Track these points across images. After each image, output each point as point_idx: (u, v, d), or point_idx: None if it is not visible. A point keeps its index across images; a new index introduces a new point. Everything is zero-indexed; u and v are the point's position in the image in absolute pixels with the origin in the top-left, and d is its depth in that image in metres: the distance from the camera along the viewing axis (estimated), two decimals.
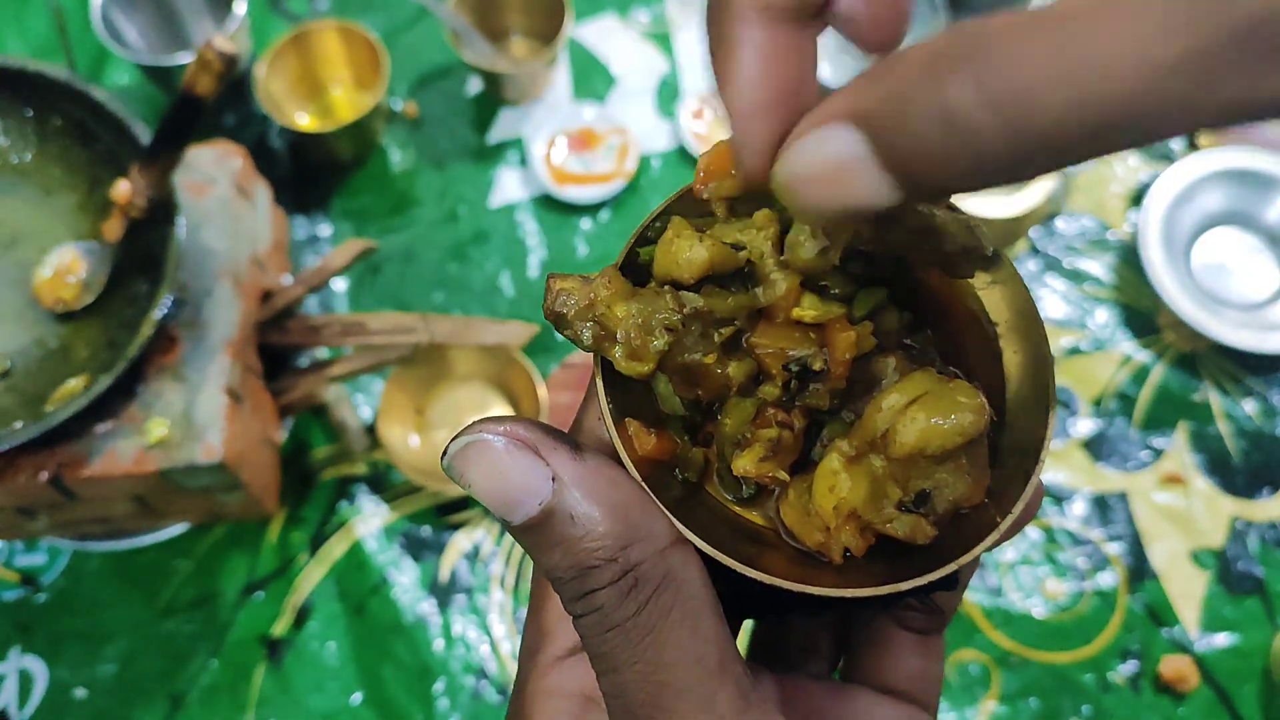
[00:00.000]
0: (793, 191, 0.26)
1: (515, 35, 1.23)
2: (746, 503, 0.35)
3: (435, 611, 0.99)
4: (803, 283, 0.32)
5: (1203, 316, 1.04)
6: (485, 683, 0.96)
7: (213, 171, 0.97)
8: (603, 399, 0.32)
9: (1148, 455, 1.04)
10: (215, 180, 0.97)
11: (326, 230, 1.16)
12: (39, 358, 0.88)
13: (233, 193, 0.97)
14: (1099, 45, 0.20)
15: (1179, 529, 1.01)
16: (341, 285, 1.13)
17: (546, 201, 1.17)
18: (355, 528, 1.02)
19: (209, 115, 0.86)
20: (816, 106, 0.25)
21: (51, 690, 0.97)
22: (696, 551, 0.31)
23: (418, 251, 1.15)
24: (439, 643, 0.98)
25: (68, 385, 0.85)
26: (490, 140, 1.21)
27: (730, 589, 0.32)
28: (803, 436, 0.34)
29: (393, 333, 0.98)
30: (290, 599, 0.99)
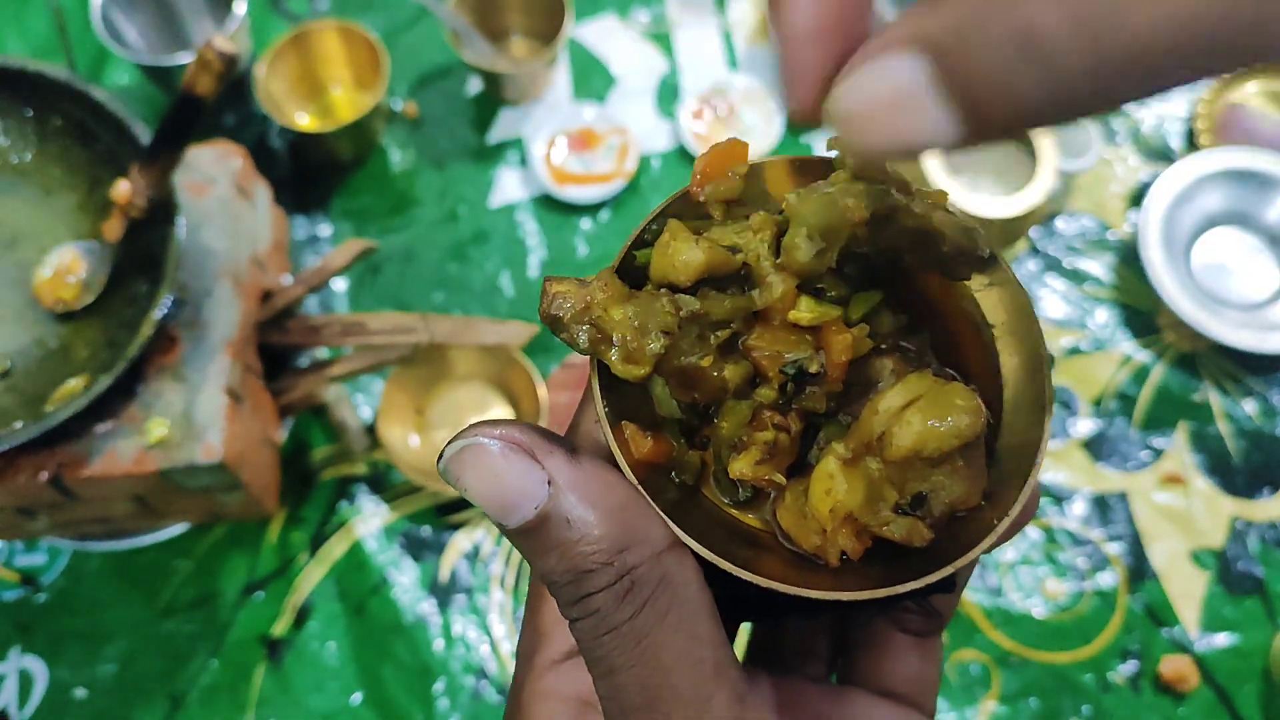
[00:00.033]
0: (847, 127, 0.24)
1: (515, 35, 1.23)
2: (743, 506, 0.35)
3: (435, 611, 0.99)
4: (799, 285, 0.32)
5: (1203, 316, 1.03)
6: (485, 683, 0.96)
7: (213, 171, 0.97)
8: (599, 402, 0.32)
9: (1148, 455, 1.04)
10: (215, 180, 0.97)
11: (326, 230, 1.16)
12: (39, 358, 0.89)
13: (233, 193, 0.96)
14: None
15: (1179, 529, 1.01)
16: (341, 285, 1.13)
17: (546, 201, 1.17)
18: (355, 528, 1.02)
19: (209, 115, 0.86)
20: (875, 35, 0.23)
21: (51, 690, 0.97)
22: (693, 555, 0.31)
23: (418, 251, 1.15)
24: (439, 643, 0.98)
25: (68, 385, 0.85)
26: (490, 140, 1.20)
27: (727, 592, 0.32)
28: (799, 439, 0.34)
29: (393, 333, 0.98)
30: (290, 599, 1.00)
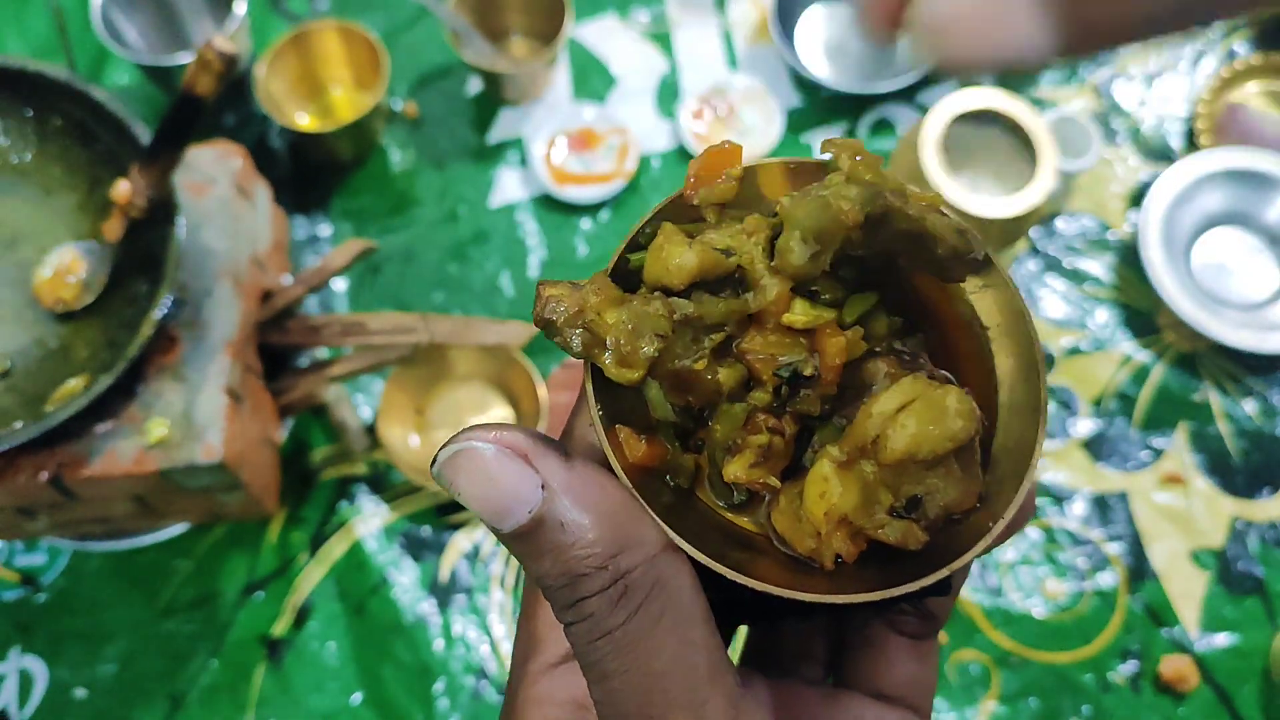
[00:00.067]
0: (937, 36, 0.23)
1: (515, 35, 1.23)
2: (738, 509, 0.35)
3: (435, 611, 0.99)
4: (793, 288, 0.32)
5: (1203, 316, 1.03)
6: (485, 683, 0.97)
7: (213, 171, 0.97)
8: (592, 405, 0.32)
9: (1148, 455, 1.04)
10: (215, 180, 0.97)
11: (326, 230, 1.16)
12: (39, 358, 0.89)
13: (233, 193, 0.97)
14: None
15: (1179, 529, 1.01)
16: (341, 285, 1.13)
17: (546, 201, 1.17)
18: (355, 528, 1.02)
19: (209, 115, 0.86)
20: None
21: (51, 690, 0.97)
22: (687, 558, 0.31)
23: (418, 251, 1.15)
24: (439, 643, 0.98)
25: (68, 385, 0.85)
26: (490, 140, 1.20)
27: (722, 595, 0.32)
28: (794, 442, 0.34)
29: (393, 333, 0.98)
30: (290, 599, 1.00)
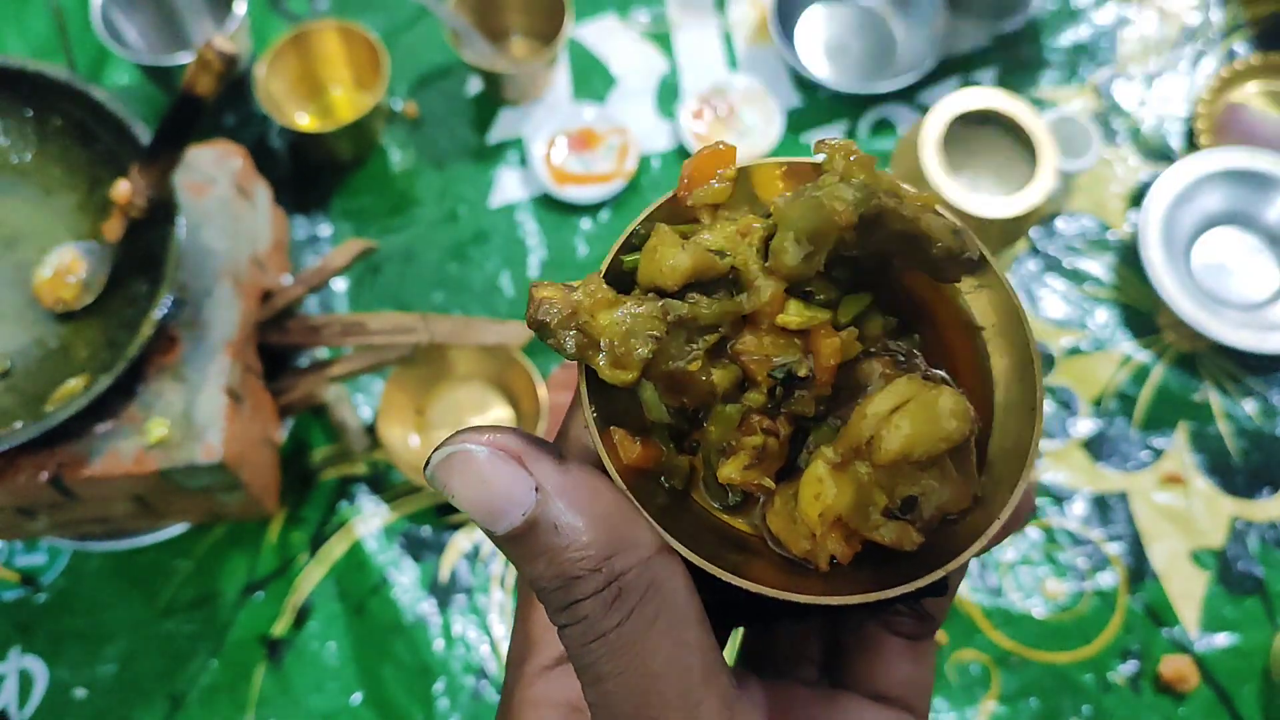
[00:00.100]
0: None
1: (515, 35, 1.23)
2: (732, 510, 0.35)
3: (435, 611, 0.99)
4: (787, 289, 0.32)
5: (1203, 316, 1.03)
6: (485, 683, 0.97)
7: (213, 171, 0.97)
8: (586, 407, 0.32)
9: (1148, 455, 1.04)
10: (215, 180, 0.97)
11: (326, 230, 1.16)
12: (39, 358, 0.89)
13: (233, 193, 0.97)
14: None
15: (1179, 529, 1.01)
16: (341, 285, 1.13)
17: (546, 201, 1.17)
18: (355, 528, 1.02)
19: (209, 115, 0.86)
20: None
21: (51, 690, 0.97)
22: (682, 560, 0.31)
23: (418, 251, 1.15)
24: (439, 643, 0.98)
25: (68, 385, 0.85)
26: (490, 140, 1.20)
27: (717, 597, 0.32)
28: (788, 443, 0.34)
29: (393, 333, 0.98)
30: (290, 599, 1.00)
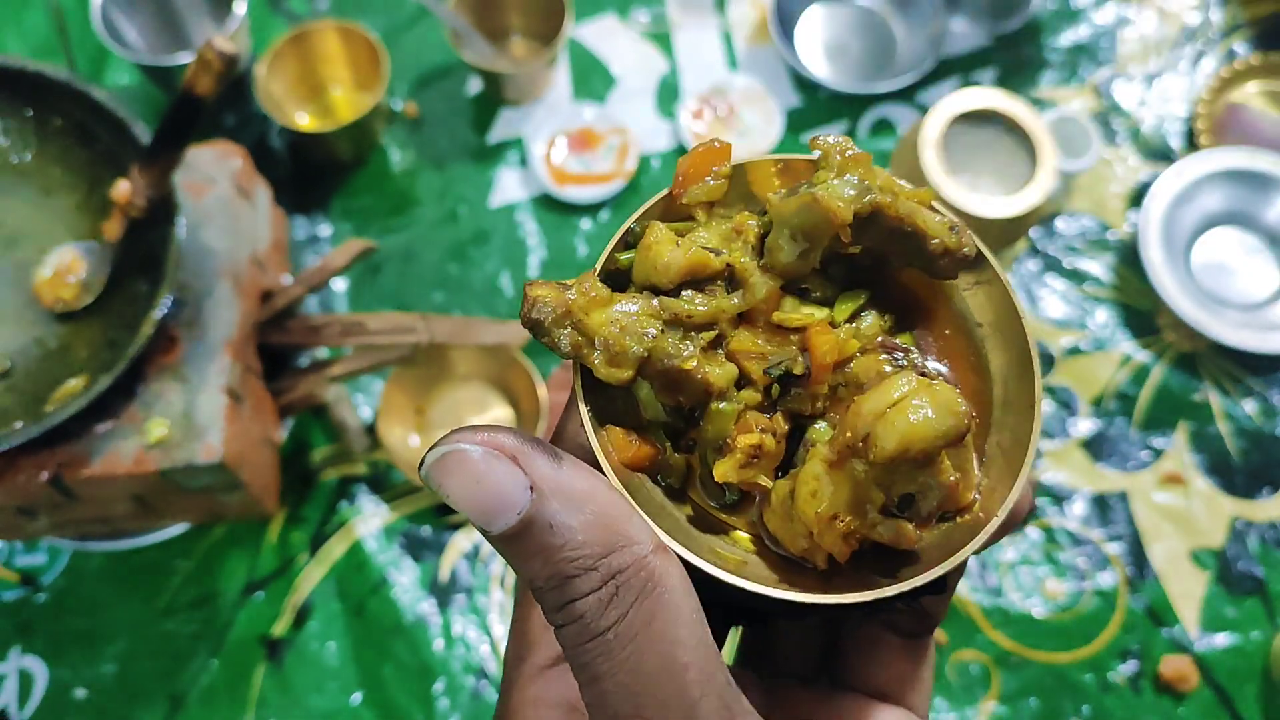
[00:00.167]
0: None
1: (515, 35, 1.23)
2: (729, 509, 0.34)
3: (435, 611, 0.99)
4: (783, 286, 0.32)
5: (1203, 316, 1.03)
6: (485, 683, 0.97)
7: (213, 171, 0.97)
8: (582, 405, 0.32)
9: (1148, 455, 1.04)
10: (215, 180, 0.97)
11: (326, 230, 1.16)
12: (39, 358, 0.89)
13: (233, 193, 0.97)
14: None
15: (1179, 529, 1.01)
16: (341, 285, 1.13)
17: (546, 201, 1.17)
18: (355, 528, 1.02)
19: (209, 115, 0.86)
20: None
21: (51, 690, 0.97)
22: (679, 559, 0.31)
23: (418, 251, 1.15)
24: (439, 643, 0.98)
25: (68, 385, 0.85)
26: (490, 140, 1.20)
27: (715, 596, 0.31)
28: (785, 441, 0.33)
29: (393, 333, 0.98)
30: (290, 599, 1.00)
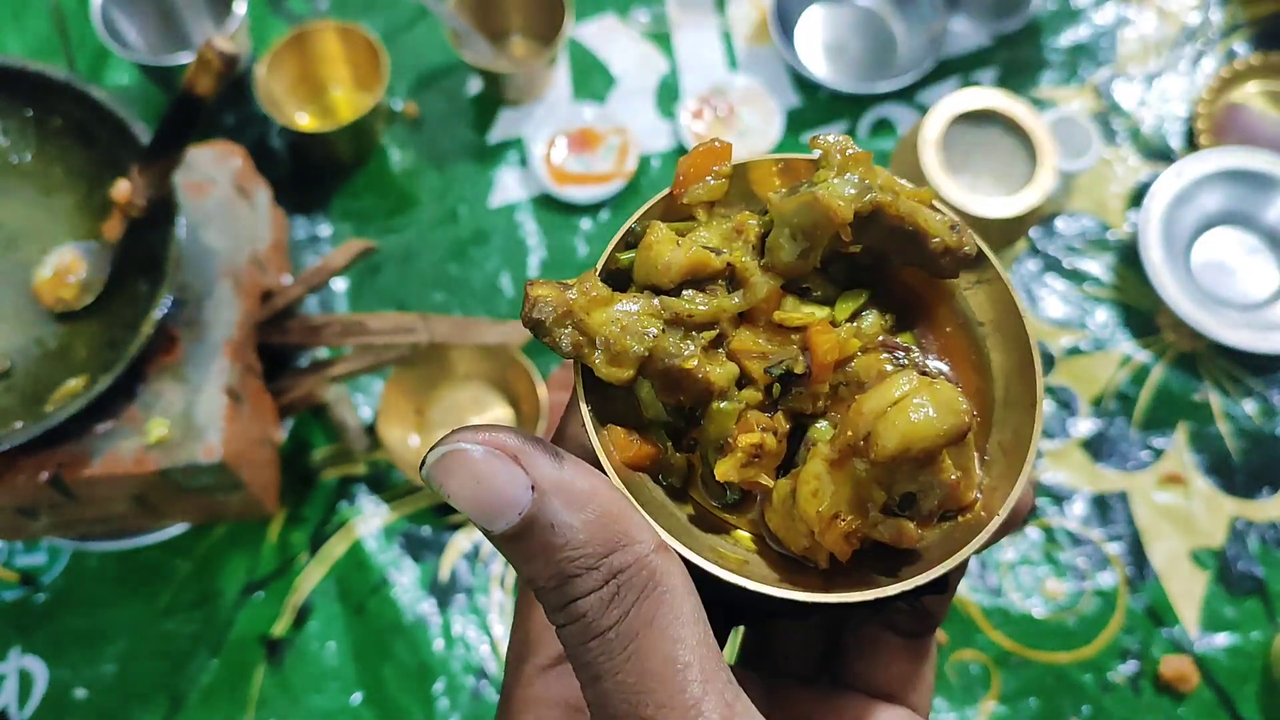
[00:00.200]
0: None
1: (515, 35, 1.23)
2: (731, 508, 0.34)
3: (435, 611, 0.99)
4: (784, 286, 0.32)
5: (1203, 316, 1.03)
6: (485, 683, 0.97)
7: (213, 171, 0.97)
8: (583, 405, 0.32)
9: (1148, 455, 1.04)
10: (215, 180, 0.97)
11: (326, 230, 1.16)
12: (39, 358, 0.89)
13: (233, 193, 0.97)
14: None
15: (1179, 529, 1.01)
16: (341, 285, 1.13)
17: (546, 201, 1.17)
18: (355, 528, 1.02)
19: (209, 115, 0.86)
20: None
21: (51, 690, 0.97)
22: (680, 558, 0.31)
23: (418, 251, 1.15)
24: (439, 643, 0.98)
25: (68, 385, 0.85)
26: (490, 140, 1.20)
27: (716, 595, 0.31)
28: (787, 441, 0.33)
29: (393, 333, 0.98)
30: (290, 599, 1.00)
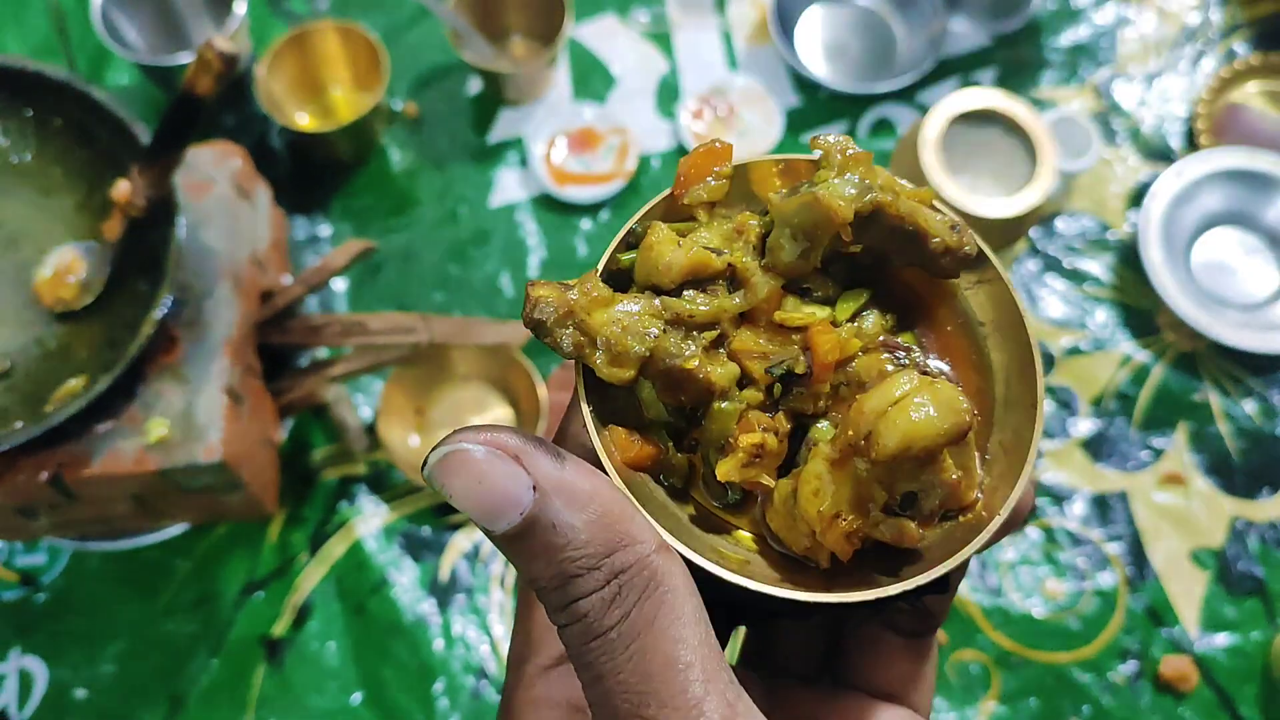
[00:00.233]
0: None
1: (515, 35, 1.23)
2: (732, 508, 0.34)
3: (435, 611, 0.99)
4: (785, 286, 0.32)
5: (1203, 316, 1.03)
6: (485, 683, 0.97)
7: (213, 171, 0.97)
8: (584, 405, 0.32)
9: (1148, 455, 1.04)
10: (215, 180, 0.97)
11: (326, 230, 1.16)
12: (39, 358, 0.89)
13: (233, 193, 0.97)
14: None
15: (1179, 529, 1.01)
16: (341, 285, 1.13)
17: (546, 201, 1.17)
18: (355, 528, 1.02)
19: (209, 115, 0.86)
20: None
21: (51, 690, 0.97)
22: (682, 558, 0.31)
23: (418, 251, 1.15)
24: (439, 643, 0.98)
25: (68, 385, 0.85)
26: (490, 140, 1.20)
27: (717, 595, 0.31)
28: (788, 441, 0.33)
29: (393, 333, 0.98)
30: (290, 599, 1.00)
